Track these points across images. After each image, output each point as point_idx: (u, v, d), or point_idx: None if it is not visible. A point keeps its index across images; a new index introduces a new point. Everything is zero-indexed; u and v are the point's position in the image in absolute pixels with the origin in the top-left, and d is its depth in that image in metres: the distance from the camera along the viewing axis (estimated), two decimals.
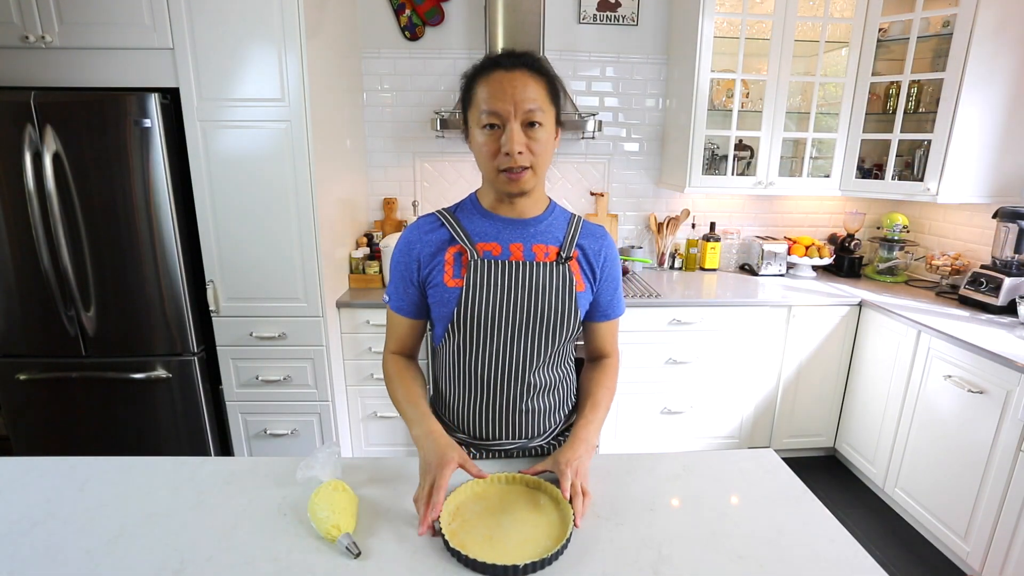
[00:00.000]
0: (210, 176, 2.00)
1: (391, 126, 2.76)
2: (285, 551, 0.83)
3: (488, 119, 0.92)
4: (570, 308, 1.02)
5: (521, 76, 0.91)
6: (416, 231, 1.04)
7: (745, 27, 2.45)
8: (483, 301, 0.99)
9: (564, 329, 1.02)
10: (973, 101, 2.25)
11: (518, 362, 1.03)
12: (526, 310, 1.00)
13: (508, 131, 0.91)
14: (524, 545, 0.81)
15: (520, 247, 1.02)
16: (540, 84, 0.93)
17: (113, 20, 1.87)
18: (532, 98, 0.91)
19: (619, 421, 2.53)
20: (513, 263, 1.00)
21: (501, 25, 2.45)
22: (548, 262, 1.02)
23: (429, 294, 1.03)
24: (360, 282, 2.49)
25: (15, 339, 2.07)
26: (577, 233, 1.05)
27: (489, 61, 0.94)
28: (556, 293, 1.01)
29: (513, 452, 1.11)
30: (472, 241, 1.01)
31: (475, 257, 1.00)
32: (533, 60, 0.95)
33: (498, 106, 0.90)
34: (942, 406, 2.03)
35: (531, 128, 0.92)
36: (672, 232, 2.94)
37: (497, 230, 1.02)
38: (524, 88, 0.91)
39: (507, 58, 0.93)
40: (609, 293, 1.10)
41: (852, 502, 2.42)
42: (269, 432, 2.29)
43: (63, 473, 1.02)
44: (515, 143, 0.91)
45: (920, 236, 2.89)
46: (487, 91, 0.92)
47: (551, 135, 0.96)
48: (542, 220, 1.04)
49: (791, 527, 0.90)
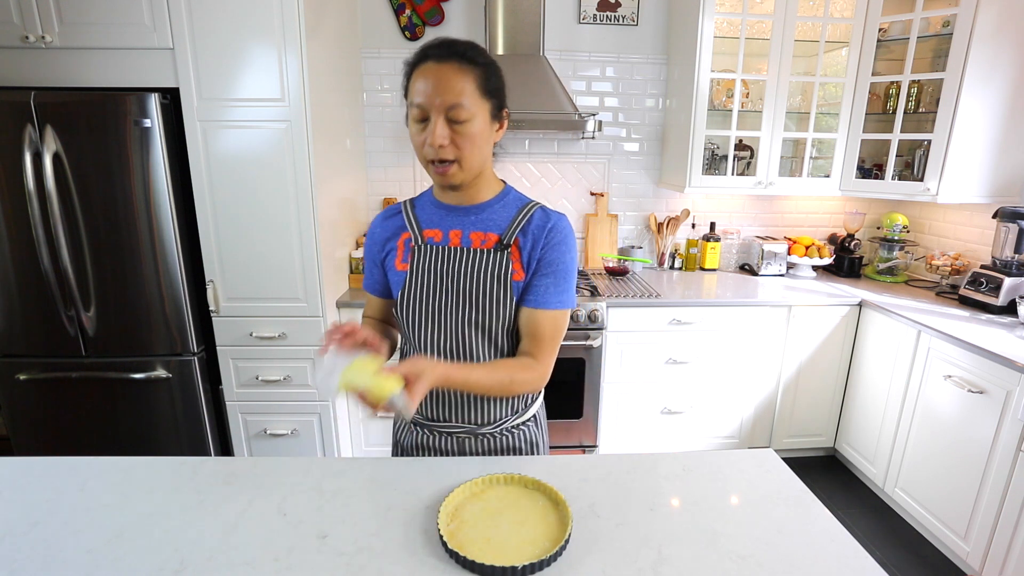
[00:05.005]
0: (210, 176, 2.00)
1: (391, 126, 2.76)
2: (285, 551, 0.83)
3: (415, 112, 0.92)
4: (503, 294, 1.02)
5: (450, 68, 0.90)
6: (380, 217, 1.13)
7: (745, 27, 2.45)
8: (421, 285, 1.04)
9: (499, 315, 1.02)
10: (973, 101, 2.25)
11: (457, 346, 1.04)
12: (461, 295, 1.02)
13: (431, 124, 0.91)
14: (523, 546, 0.81)
15: (459, 234, 1.04)
16: (470, 76, 0.92)
17: (113, 20, 1.87)
18: (458, 91, 0.90)
19: (619, 421, 2.53)
20: (450, 249, 1.03)
21: (501, 25, 2.45)
22: (484, 249, 1.02)
23: (387, 277, 1.10)
24: (360, 282, 2.48)
25: (15, 339, 2.07)
26: (525, 220, 1.03)
27: (421, 53, 0.94)
28: (490, 279, 1.01)
29: (465, 440, 1.11)
30: (420, 228, 1.06)
31: (419, 243, 1.05)
32: (466, 50, 0.93)
33: (422, 100, 0.91)
34: (942, 406, 2.03)
35: (457, 124, 0.92)
36: (672, 232, 2.94)
37: (440, 217, 1.06)
38: (449, 81, 0.90)
39: (438, 48, 0.92)
40: (540, 277, 1.02)
41: (852, 502, 2.42)
42: (269, 432, 2.29)
43: (63, 473, 1.02)
44: (436, 137, 0.91)
45: (920, 236, 2.89)
46: (417, 84, 0.92)
47: (484, 128, 0.95)
48: (487, 207, 1.05)
49: (791, 527, 0.90)
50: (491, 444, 1.12)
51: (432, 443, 1.13)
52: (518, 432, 1.14)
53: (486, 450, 1.12)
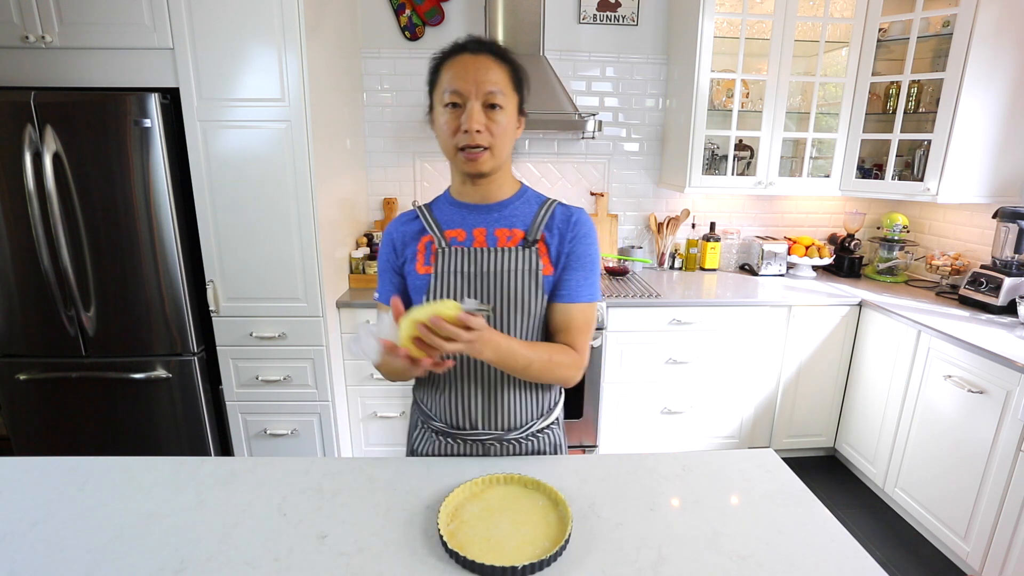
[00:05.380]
0: (210, 176, 2.00)
1: (391, 126, 2.76)
2: (285, 551, 0.83)
3: (451, 98, 0.94)
4: (535, 291, 1.02)
5: (485, 60, 0.95)
6: (395, 223, 1.10)
7: (745, 27, 2.45)
8: (450, 288, 1.02)
9: (530, 312, 1.03)
10: (973, 101, 2.25)
11: None
12: (492, 295, 1.02)
13: (468, 109, 0.93)
14: (523, 546, 0.81)
15: (483, 232, 1.04)
16: (503, 69, 0.96)
17: (113, 20, 1.87)
18: (494, 81, 0.94)
19: (619, 421, 2.53)
20: (476, 250, 1.02)
21: (501, 25, 2.45)
22: (511, 247, 1.03)
23: (407, 283, 1.07)
24: (360, 282, 2.49)
25: (15, 339, 2.07)
26: (547, 216, 1.05)
27: (456, 46, 0.97)
28: (520, 276, 1.02)
29: (491, 446, 1.11)
30: (441, 229, 1.05)
31: (442, 246, 1.03)
32: (498, 47, 0.98)
33: (460, 85, 0.93)
34: (942, 406, 2.03)
35: (492, 110, 0.95)
36: (672, 232, 2.94)
37: (462, 216, 1.05)
38: (487, 71, 0.94)
39: (473, 43, 0.97)
40: (571, 272, 1.04)
41: (852, 502, 2.42)
42: (269, 432, 2.29)
43: (63, 473, 1.02)
44: (474, 121, 0.93)
45: (920, 236, 2.89)
46: (451, 72, 0.95)
47: (512, 121, 0.99)
48: (508, 204, 1.06)
49: (791, 527, 0.90)
50: (516, 450, 1.12)
51: (455, 451, 1.12)
52: (543, 436, 1.13)
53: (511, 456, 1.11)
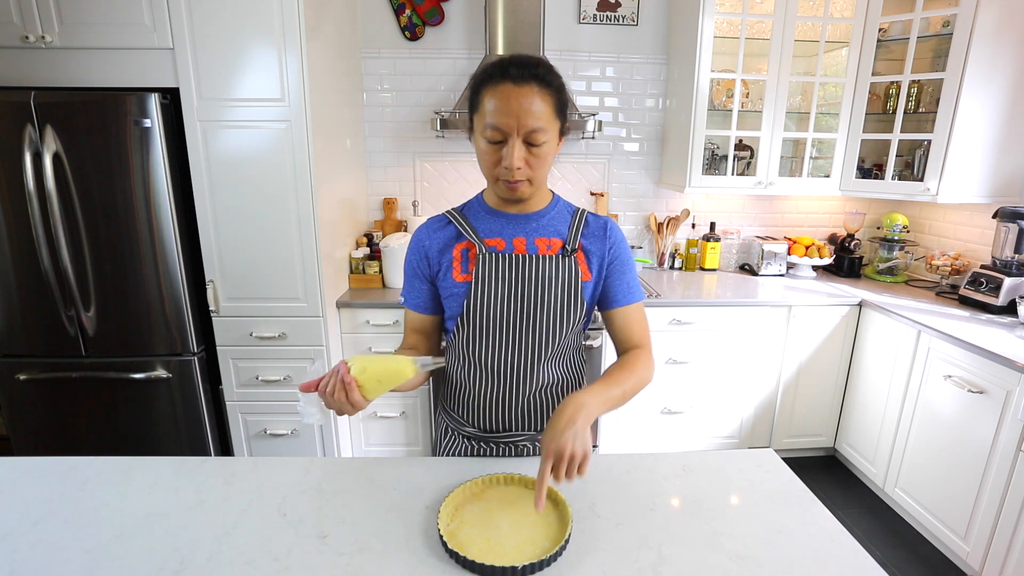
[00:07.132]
0: (210, 176, 2.00)
1: (391, 126, 2.76)
2: (285, 551, 0.83)
3: (492, 134, 0.91)
4: (575, 298, 1.03)
5: (529, 92, 0.89)
6: (426, 229, 1.09)
7: (745, 27, 2.45)
8: (490, 295, 1.02)
9: (570, 319, 1.04)
10: (973, 101, 2.25)
11: (526, 353, 1.04)
12: (532, 302, 1.02)
13: (509, 146, 0.91)
14: (523, 546, 0.81)
15: (523, 241, 1.04)
16: (547, 99, 0.92)
17: (113, 20, 1.87)
18: (537, 115, 0.90)
19: (619, 421, 2.53)
20: (518, 256, 1.02)
21: (501, 25, 2.45)
22: (551, 255, 1.03)
23: (440, 291, 1.07)
24: (360, 282, 2.49)
25: (15, 339, 2.07)
26: (581, 225, 1.07)
27: (499, 69, 0.91)
28: (561, 284, 1.02)
29: (524, 447, 1.12)
30: (479, 236, 1.04)
31: (483, 252, 1.02)
32: (544, 72, 0.92)
33: (502, 121, 0.90)
34: (942, 406, 2.03)
35: (534, 147, 0.92)
36: (672, 232, 2.94)
37: (501, 226, 1.05)
38: (530, 105, 0.89)
39: (517, 68, 0.90)
40: (619, 277, 1.07)
41: (852, 502, 2.42)
42: (269, 432, 2.29)
43: (63, 473, 1.02)
44: (515, 160, 0.91)
45: (920, 236, 2.89)
46: (494, 103, 0.90)
47: (553, 147, 0.97)
48: (545, 214, 1.07)
49: (791, 527, 0.90)
50: None
51: (488, 455, 1.12)
52: None
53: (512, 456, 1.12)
